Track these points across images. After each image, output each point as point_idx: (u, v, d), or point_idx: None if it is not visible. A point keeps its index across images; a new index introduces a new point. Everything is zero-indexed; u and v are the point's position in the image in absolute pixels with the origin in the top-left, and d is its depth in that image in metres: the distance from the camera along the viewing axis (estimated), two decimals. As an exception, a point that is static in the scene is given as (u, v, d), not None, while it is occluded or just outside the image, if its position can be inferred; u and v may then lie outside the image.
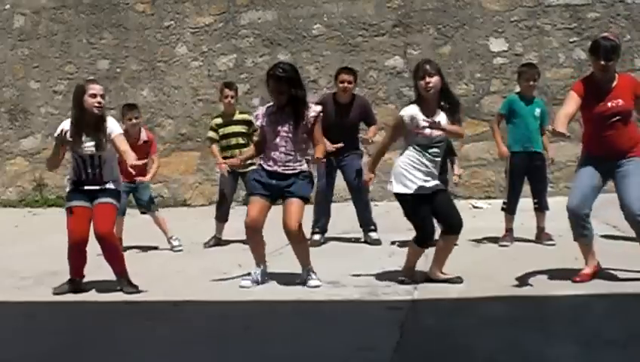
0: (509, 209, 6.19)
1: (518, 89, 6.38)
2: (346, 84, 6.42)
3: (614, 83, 4.60)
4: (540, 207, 6.19)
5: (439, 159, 4.77)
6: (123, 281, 4.91)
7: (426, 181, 4.66)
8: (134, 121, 6.48)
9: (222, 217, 6.75)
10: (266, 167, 4.91)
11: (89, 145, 4.84)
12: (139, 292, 4.83)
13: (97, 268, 5.24)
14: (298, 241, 4.87)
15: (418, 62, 4.83)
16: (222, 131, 6.66)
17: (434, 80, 4.62)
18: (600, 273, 4.71)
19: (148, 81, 10.11)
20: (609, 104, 4.54)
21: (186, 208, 9.66)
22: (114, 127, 4.97)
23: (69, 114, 4.99)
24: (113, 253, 4.92)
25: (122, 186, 6.45)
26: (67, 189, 5.04)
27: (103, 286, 5.02)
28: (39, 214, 9.44)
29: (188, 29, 10.14)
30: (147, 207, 6.66)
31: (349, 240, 6.65)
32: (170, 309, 4.41)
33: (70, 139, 4.83)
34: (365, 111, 6.63)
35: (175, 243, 6.58)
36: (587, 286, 4.54)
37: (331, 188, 6.67)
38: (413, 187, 4.64)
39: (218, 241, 6.71)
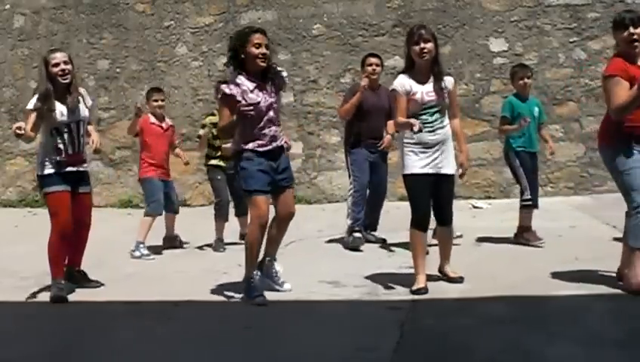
0: (535, 203, 6.07)
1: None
2: (374, 67, 6.46)
3: None
4: (533, 205, 6.16)
5: (437, 128, 4.56)
6: (80, 273, 5.05)
7: (425, 159, 4.54)
8: (160, 102, 6.60)
9: (224, 217, 6.67)
10: (262, 149, 4.45)
11: (63, 113, 4.79)
12: (100, 285, 5.01)
13: (97, 267, 5.25)
14: (287, 227, 4.71)
15: (412, 27, 4.68)
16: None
17: (429, 46, 4.52)
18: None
19: (148, 81, 10.09)
20: None
21: (186, 208, 9.65)
22: (88, 99, 5.03)
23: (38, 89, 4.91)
24: (85, 243, 5.08)
25: (158, 182, 6.46)
26: (45, 172, 4.81)
27: (102, 286, 5.03)
28: (39, 214, 9.41)
29: (188, 29, 10.14)
30: (174, 205, 6.72)
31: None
32: (170, 309, 4.41)
33: (50, 109, 4.76)
34: (389, 97, 6.63)
35: (177, 243, 6.69)
36: (587, 286, 4.53)
37: (368, 185, 6.50)
38: (411, 168, 4.58)
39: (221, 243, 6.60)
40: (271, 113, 4.50)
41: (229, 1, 10.01)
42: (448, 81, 4.65)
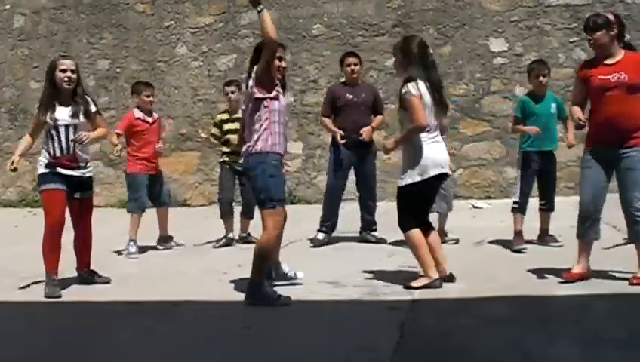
0: (522, 209, 5.96)
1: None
2: (352, 67, 6.52)
3: (618, 58, 4.52)
4: (548, 208, 6.11)
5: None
6: (90, 273, 5.13)
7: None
8: (151, 98, 6.61)
9: (226, 215, 6.64)
10: (281, 150, 4.58)
11: (64, 114, 4.88)
12: (109, 281, 5.09)
13: (97, 267, 5.25)
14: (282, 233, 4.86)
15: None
16: (226, 127, 6.62)
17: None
18: (590, 275, 4.70)
19: (148, 81, 10.10)
20: (611, 76, 4.46)
21: (186, 208, 9.66)
22: (92, 104, 5.08)
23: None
24: (89, 243, 5.14)
25: (143, 179, 6.44)
26: (40, 171, 4.97)
27: (102, 286, 5.03)
28: (39, 214, 9.38)
29: (188, 29, 10.15)
30: (165, 199, 6.67)
31: (348, 239, 6.65)
32: (170, 309, 4.41)
33: (43, 114, 4.87)
34: (374, 93, 6.72)
35: (173, 243, 6.64)
36: (587, 286, 4.54)
37: (343, 188, 6.64)
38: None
39: (229, 241, 6.60)
40: (281, 118, 4.65)
41: (229, 1, 10.01)
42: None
